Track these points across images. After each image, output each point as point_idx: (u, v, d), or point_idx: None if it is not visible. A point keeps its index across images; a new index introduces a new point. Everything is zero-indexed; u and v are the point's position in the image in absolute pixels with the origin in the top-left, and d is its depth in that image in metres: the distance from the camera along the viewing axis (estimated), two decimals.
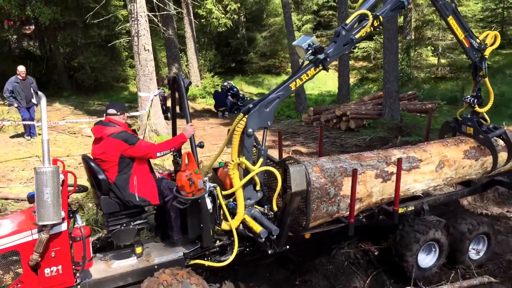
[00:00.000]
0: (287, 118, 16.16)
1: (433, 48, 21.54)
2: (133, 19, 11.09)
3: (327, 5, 27.61)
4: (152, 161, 4.86)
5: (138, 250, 4.35)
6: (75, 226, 3.90)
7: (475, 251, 5.54)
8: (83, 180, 5.78)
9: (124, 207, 4.28)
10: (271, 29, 25.55)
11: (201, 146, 4.58)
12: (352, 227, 4.71)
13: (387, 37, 13.30)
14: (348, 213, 4.71)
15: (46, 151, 3.54)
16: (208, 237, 4.27)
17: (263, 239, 4.19)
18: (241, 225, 4.41)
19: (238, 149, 4.45)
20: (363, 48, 24.69)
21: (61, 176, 3.66)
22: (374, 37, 24.42)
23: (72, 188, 3.94)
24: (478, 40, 5.76)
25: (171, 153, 4.66)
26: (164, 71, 20.78)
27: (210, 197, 4.24)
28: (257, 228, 4.20)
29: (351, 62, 23.95)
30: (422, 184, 5.27)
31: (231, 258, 4.33)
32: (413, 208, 5.40)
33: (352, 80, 22.31)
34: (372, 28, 4.82)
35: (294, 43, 4.79)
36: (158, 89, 13.23)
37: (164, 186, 4.50)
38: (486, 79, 5.90)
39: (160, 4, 14.19)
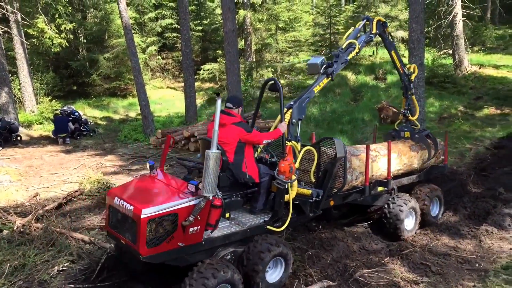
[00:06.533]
0: (135, 142, 15.67)
1: (273, 70, 23.03)
2: None
3: (171, 28, 27.84)
4: None
5: (227, 215, 5.15)
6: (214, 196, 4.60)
7: (433, 210, 7.59)
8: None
9: (235, 182, 5.24)
10: (115, 51, 24.77)
11: (289, 140, 5.57)
12: (367, 189, 6.48)
13: (229, 59, 13.87)
14: (356, 182, 6.41)
15: (215, 139, 4.51)
16: (281, 208, 5.37)
17: (313, 199, 5.62)
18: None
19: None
20: (208, 70, 25.33)
21: None
22: (218, 59, 25.25)
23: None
24: (406, 69, 7.87)
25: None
26: None
27: None
28: (308, 192, 5.64)
29: (197, 84, 24.36)
30: (391, 166, 6.98)
31: (286, 223, 5.45)
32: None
33: (199, 101, 22.66)
34: (355, 53, 6.70)
35: (308, 62, 6.34)
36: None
37: (262, 170, 5.54)
38: (413, 96, 8.10)
39: None
